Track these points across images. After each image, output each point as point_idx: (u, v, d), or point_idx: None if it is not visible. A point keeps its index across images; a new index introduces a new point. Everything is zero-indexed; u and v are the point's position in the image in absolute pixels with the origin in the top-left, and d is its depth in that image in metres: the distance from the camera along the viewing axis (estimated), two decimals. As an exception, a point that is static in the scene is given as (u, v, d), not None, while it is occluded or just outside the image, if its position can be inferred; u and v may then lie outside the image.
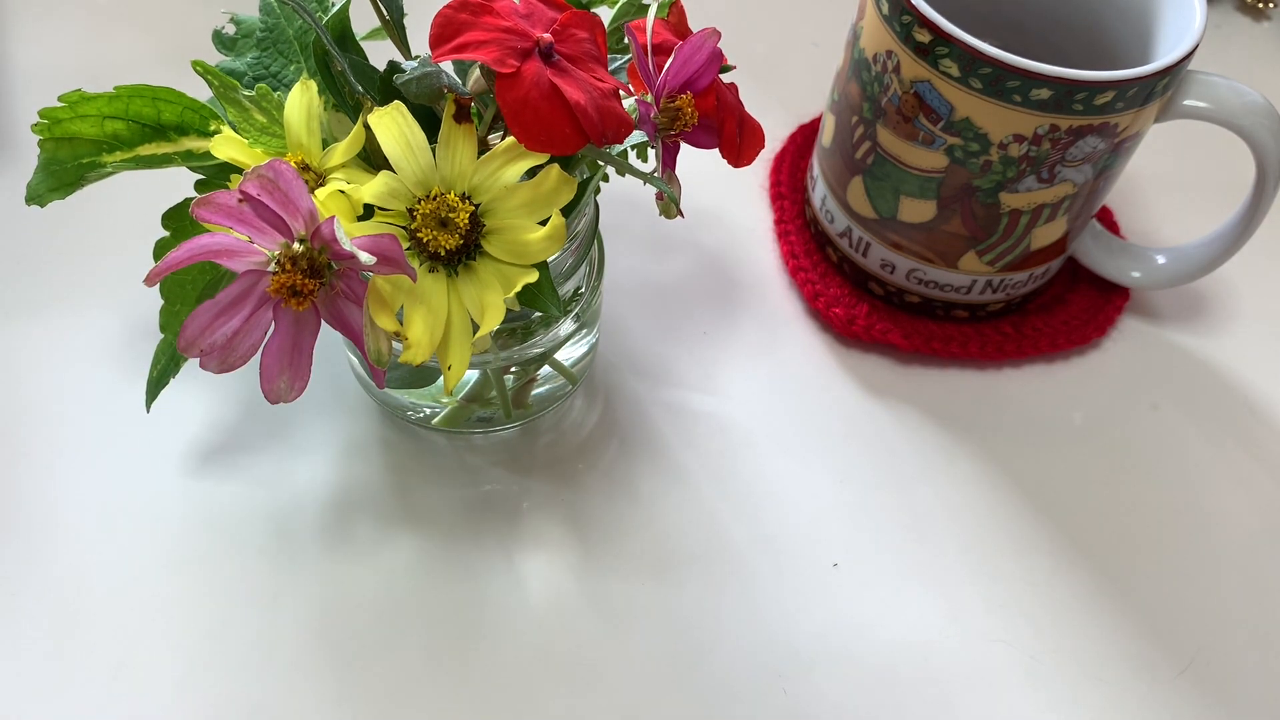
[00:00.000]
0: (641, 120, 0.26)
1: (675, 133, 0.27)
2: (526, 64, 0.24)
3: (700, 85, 0.27)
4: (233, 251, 0.23)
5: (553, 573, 0.35)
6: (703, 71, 0.27)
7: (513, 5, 0.25)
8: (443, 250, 0.25)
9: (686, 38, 0.27)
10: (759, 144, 0.29)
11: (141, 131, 0.28)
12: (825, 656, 0.34)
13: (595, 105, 0.24)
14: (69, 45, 0.48)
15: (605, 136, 0.25)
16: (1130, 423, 0.40)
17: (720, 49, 0.27)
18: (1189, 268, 0.40)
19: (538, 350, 0.34)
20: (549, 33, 0.25)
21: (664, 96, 0.26)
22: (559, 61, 0.25)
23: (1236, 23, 0.55)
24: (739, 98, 0.29)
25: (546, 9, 0.26)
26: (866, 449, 0.39)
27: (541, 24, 0.25)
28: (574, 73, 0.25)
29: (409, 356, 0.25)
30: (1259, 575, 0.37)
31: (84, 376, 0.38)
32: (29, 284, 0.41)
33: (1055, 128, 0.34)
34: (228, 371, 0.24)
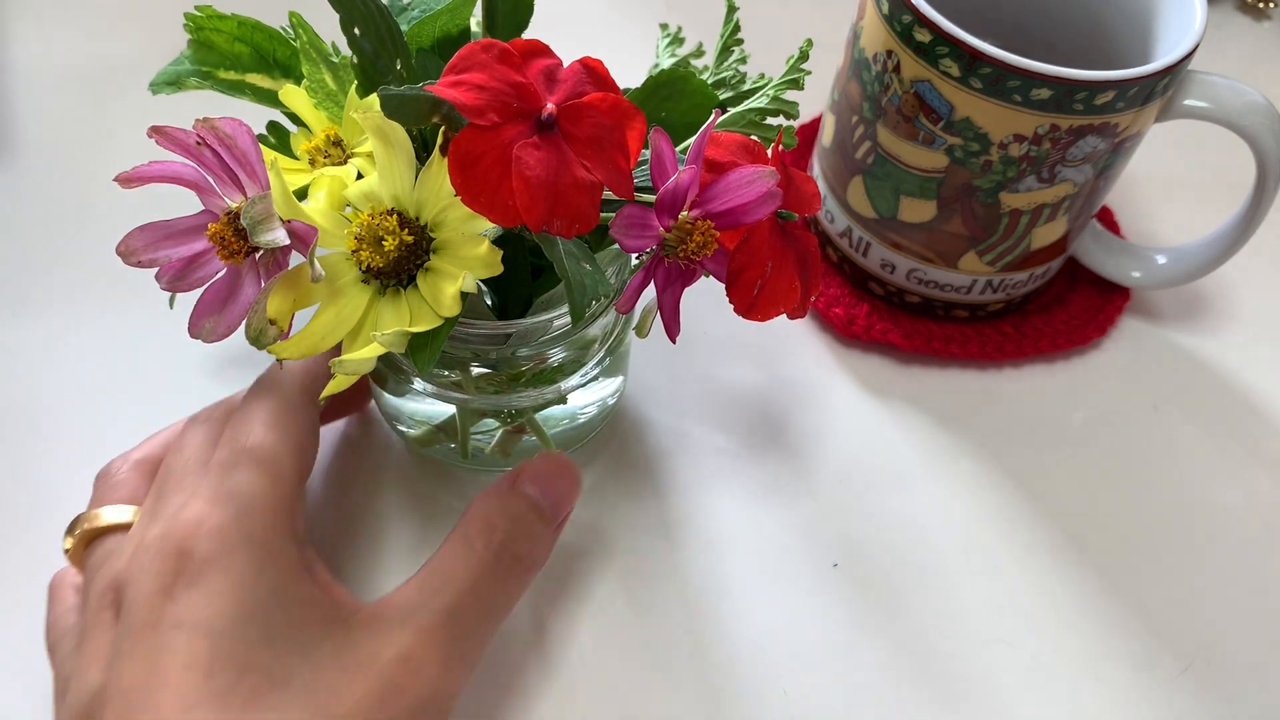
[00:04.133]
0: (629, 223, 0.24)
1: (681, 257, 0.24)
2: (512, 125, 0.23)
3: (744, 221, 0.24)
4: (200, 188, 0.24)
5: (549, 571, 0.35)
6: (749, 208, 0.24)
7: (548, 67, 0.24)
8: (369, 265, 0.24)
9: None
10: (781, 307, 0.25)
11: (256, 61, 0.29)
12: (825, 656, 0.34)
13: (554, 189, 0.23)
14: (69, 45, 0.48)
15: (547, 223, 0.23)
16: (1130, 423, 0.40)
17: (777, 192, 0.24)
18: (1189, 268, 0.40)
19: (525, 402, 0.33)
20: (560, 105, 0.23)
21: (686, 212, 0.24)
22: (557, 136, 0.23)
23: (1237, 23, 0.55)
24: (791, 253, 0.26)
25: (584, 85, 0.24)
26: (866, 449, 0.39)
27: (562, 96, 0.24)
28: (566, 153, 0.23)
29: (276, 349, 0.24)
30: (1259, 575, 0.37)
31: (84, 376, 0.38)
32: (29, 284, 0.41)
33: (1055, 127, 0.34)
34: (173, 292, 0.26)
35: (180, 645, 0.25)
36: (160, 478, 0.30)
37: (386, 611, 0.27)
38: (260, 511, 0.27)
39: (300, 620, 0.27)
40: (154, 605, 0.26)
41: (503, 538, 0.28)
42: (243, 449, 0.28)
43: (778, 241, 0.25)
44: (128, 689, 0.25)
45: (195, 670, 0.25)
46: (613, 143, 0.24)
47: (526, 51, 0.24)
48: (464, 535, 0.28)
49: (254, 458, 0.28)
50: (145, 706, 0.25)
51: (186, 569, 0.26)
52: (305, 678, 0.26)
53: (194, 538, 0.26)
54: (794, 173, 0.26)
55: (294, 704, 0.25)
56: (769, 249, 0.25)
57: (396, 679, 0.26)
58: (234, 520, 0.27)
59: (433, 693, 0.26)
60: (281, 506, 0.28)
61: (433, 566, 0.28)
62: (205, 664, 0.25)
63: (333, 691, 0.26)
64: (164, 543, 0.26)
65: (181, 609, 0.26)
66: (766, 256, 0.25)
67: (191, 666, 0.25)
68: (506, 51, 0.24)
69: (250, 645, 0.26)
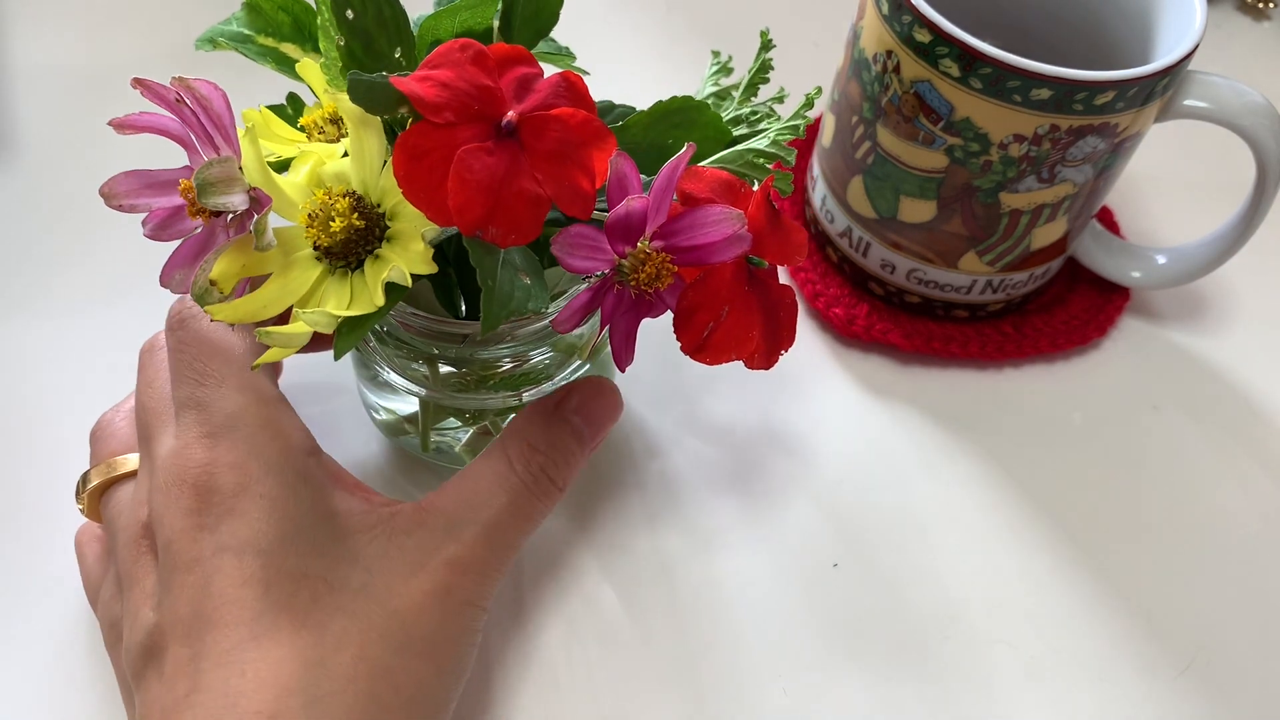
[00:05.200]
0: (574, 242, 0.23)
1: (633, 285, 0.24)
2: (469, 127, 0.23)
3: (707, 261, 0.24)
4: (184, 144, 0.25)
5: (547, 573, 0.35)
6: (713, 248, 0.24)
7: (525, 76, 0.24)
8: (314, 243, 0.25)
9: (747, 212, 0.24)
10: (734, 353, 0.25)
11: (294, 31, 0.29)
12: (825, 656, 0.34)
13: (496, 196, 0.23)
14: (69, 45, 0.48)
15: (481, 229, 0.23)
16: (1130, 423, 0.40)
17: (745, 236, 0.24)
18: (1189, 268, 0.40)
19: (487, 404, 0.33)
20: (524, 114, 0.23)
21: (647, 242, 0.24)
22: (515, 145, 0.23)
23: (1237, 23, 0.55)
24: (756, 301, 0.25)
25: (558, 99, 0.24)
26: (866, 449, 0.39)
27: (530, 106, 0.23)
28: (520, 163, 0.23)
29: (215, 309, 0.25)
30: (1259, 575, 0.37)
31: (84, 375, 0.38)
32: (29, 283, 0.41)
33: (1055, 128, 0.34)
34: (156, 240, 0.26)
35: (230, 567, 0.26)
36: (139, 418, 0.30)
37: (430, 519, 0.29)
38: (265, 433, 0.28)
39: (344, 529, 0.28)
40: (192, 539, 0.27)
41: (543, 462, 0.30)
42: (208, 376, 0.28)
43: (740, 287, 0.25)
44: (186, 616, 0.26)
45: (252, 585, 0.26)
46: (575, 161, 0.24)
47: (505, 58, 0.24)
48: (505, 455, 0.30)
49: (225, 384, 0.28)
50: (211, 624, 0.26)
51: (214, 503, 0.27)
52: (360, 579, 0.27)
53: (213, 474, 0.27)
54: (785, 220, 0.26)
55: (355, 604, 0.27)
56: (728, 293, 0.24)
57: (447, 581, 0.28)
58: (246, 451, 0.27)
59: (475, 595, 0.28)
60: (277, 422, 0.28)
61: (473, 480, 0.29)
62: (261, 578, 0.26)
63: (390, 590, 0.27)
64: (180, 484, 0.27)
65: (225, 536, 0.26)
66: (724, 300, 0.24)
67: (248, 583, 0.26)
68: (482, 54, 0.23)
69: (301, 556, 0.27)
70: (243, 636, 0.26)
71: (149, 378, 0.31)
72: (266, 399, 0.29)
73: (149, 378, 0.31)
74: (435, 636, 0.28)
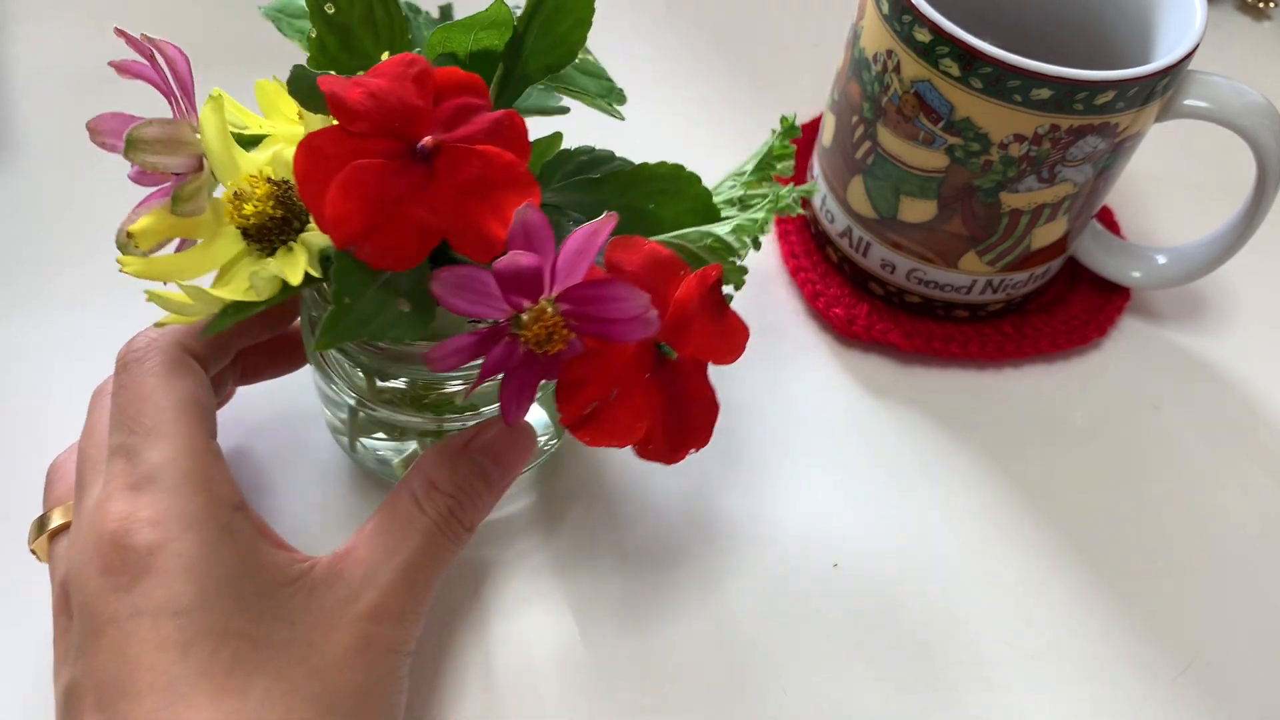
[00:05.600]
0: (458, 282, 0.23)
1: (524, 341, 0.23)
2: (382, 141, 0.22)
3: (610, 337, 0.23)
4: (166, 96, 0.25)
5: (546, 567, 0.35)
6: (615, 326, 0.23)
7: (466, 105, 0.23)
8: (230, 220, 0.25)
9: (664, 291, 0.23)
10: (618, 439, 0.24)
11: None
12: (825, 656, 0.34)
13: (380, 214, 0.22)
14: (69, 45, 0.48)
15: (356, 245, 0.22)
16: (1130, 423, 0.40)
17: (651, 321, 0.23)
18: (1189, 268, 0.40)
19: (412, 423, 0.32)
20: (446, 143, 0.23)
21: (551, 300, 0.23)
22: (424, 171, 0.22)
23: (1237, 23, 0.55)
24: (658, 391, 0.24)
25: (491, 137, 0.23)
26: (866, 449, 0.39)
27: (457, 136, 0.23)
28: (422, 189, 0.22)
29: (125, 260, 0.25)
30: (1259, 576, 0.37)
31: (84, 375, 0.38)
32: (29, 283, 0.41)
33: (1056, 127, 0.34)
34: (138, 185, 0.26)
35: (145, 631, 0.25)
36: (78, 467, 0.30)
37: (347, 569, 0.28)
38: (189, 486, 0.27)
39: (267, 583, 0.27)
40: (106, 601, 0.26)
41: (449, 503, 0.29)
42: (139, 424, 0.28)
43: (637, 372, 0.24)
44: (101, 682, 0.25)
45: (169, 649, 0.25)
46: (489, 202, 0.23)
47: (453, 84, 0.23)
48: (412, 495, 0.29)
49: (155, 433, 0.27)
50: (124, 692, 0.25)
51: (130, 561, 0.26)
52: (282, 636, 0.26)
53: (129, 530, 0.26)
54: (730, 316, 0.25)
55: (277, 661, 0.26)
56: (621, 375, 0.24)
57: (367, 632, 0.27)
58: (167, 507, 0.26)
59: (397, 641, 0.28)
60: (204, 475, 0.27)
61: (385, 524, 0.29)
62: (178, 641, 0.25)
63: (311, 645, 0.26)
64: (98, 541, 0.26)
65: (139, 597, 0.25)
66: (615, 382, 0.24)
67: (163, 646, 0.25)
68: (425, 74, 0.23)
69: (222, 613, 0.26)
70: (158, 704, 0.24)
71: (90, 425, 0.30)
72: (195, 450, 0.28)
73: (90, 425, 0.30)
74: (360, 690, 0.27)
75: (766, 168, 0.29)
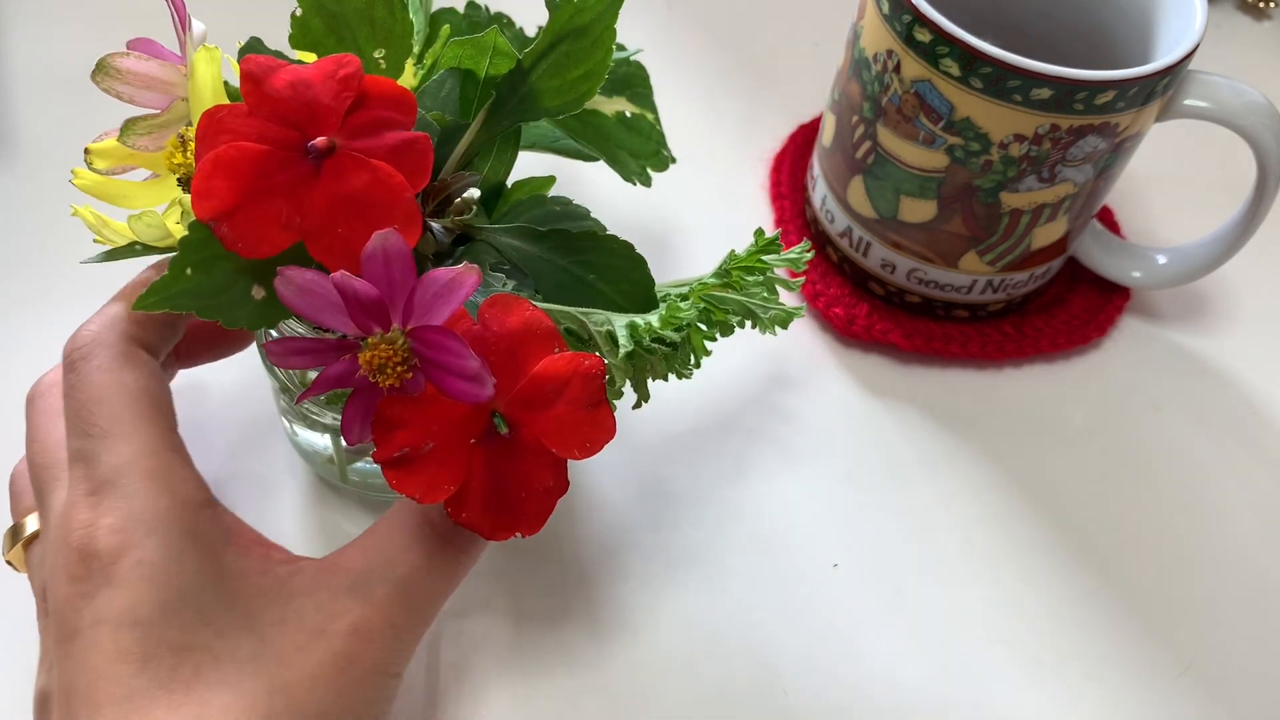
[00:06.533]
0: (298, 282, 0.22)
1: (362, 363, 0.22)
2: (280, 129, 0.22)
3: (442, 387, 0.22)
4: (182, 18, 0.26)
5: (545, 572, 0.35)
6: (447, 378, 0.22)
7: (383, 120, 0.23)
8: (165, 162, 0.25)
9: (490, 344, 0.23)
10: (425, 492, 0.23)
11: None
12: (825, 656, 0.34)
13: (245, 197, 0.22)
14: (69, 45, 0.48)
15: (214, 221, 0.22)
16: (1130, 423, 0.40)
17: (484, 380, 0.22)
18: (1190, 267, 0.40)
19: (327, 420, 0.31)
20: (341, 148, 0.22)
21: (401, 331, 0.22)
22: (310, 170, 0.22)
23: (1237, 22, 0.55)
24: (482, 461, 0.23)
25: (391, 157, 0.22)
26: (866, 449, 0.39)
27: (353, 145, 0.22)
28: (299, 185, 0.22)
29: (78, 173, 0.26)
30: (1259, 575, 0.37)
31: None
32: (29, 283, 0.40)
33: (1056, 127, 0.34)
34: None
35: (105, 641, 0.24)
36: (31, 475, 0.28)
37: (334, 578, 0.26)
38: (151, 489, 0.26)
39: (237, 592, 0.26)
40: (74, 608, 0.25)
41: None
42: (94, 426, 0.26)
43: (462, 434, 0.23)
44: (67, 690, 0.25)
45: (129, 661, 0.24)
46: (365, 219, 0.22)
47: (380, 94, 0.23)
48: (420, 507, 0.27)
49: (111, 434, 0.26)
50: (85, 702, 0.24)
51: (94, 569, 0.25)
52: (251, 649, 0.25)
53: (93, 538, 0.25)
54: (602, 415, 0.23)
55: (242, 676, 0.25)
56: (442, 431, 0.23)
57: (349, 649, 0.25)
58: (127, 511, 0.25)
59: (385, 661, 0.26)
60: (166, 474, 0.26)
61: (385, 533, 0.27)
62: (138, 653, 0.24)
63: (282, 661, 0.25)
64: (65, 547, 0.25)
65: (101, 606, 0.25)
66: (432, 435, 0.23)
67: (123, 658, 0.24)
68: (353, 78, 0.23)
69: (184, 627, 0.25)
70: (114, 717, 0.24)
71: (32, 432, 0.29)
72: (155, 449, 0.26)
73: (32, 432, 0.29)
74: (331, 712, 0.25)
75: (724, 275, 0.27)
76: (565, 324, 0.26)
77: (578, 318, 0.26)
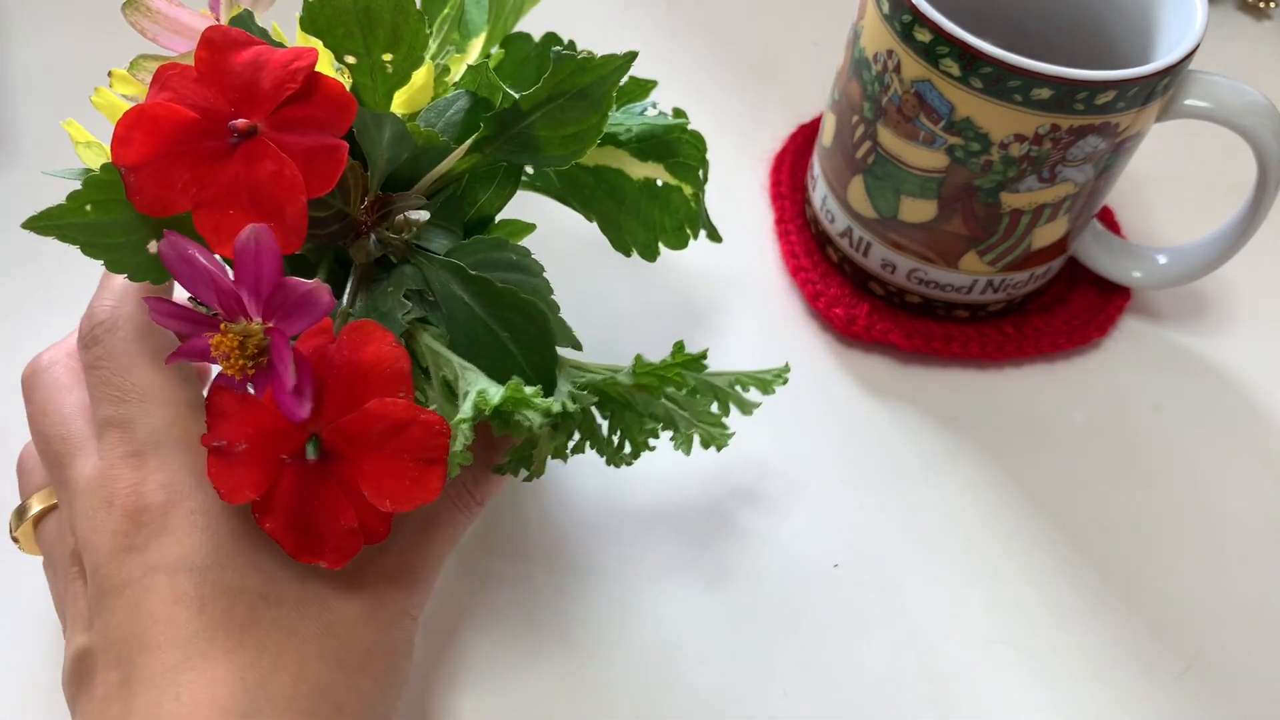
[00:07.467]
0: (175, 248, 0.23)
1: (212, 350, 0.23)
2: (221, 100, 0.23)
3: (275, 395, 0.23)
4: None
5: (544, 568, 0.35)
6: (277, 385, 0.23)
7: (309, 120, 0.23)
8: None
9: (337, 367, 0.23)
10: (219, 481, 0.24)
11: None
12: (825, 656, 0.34)
13: (156, 156, 0.22)
14: (69, 45, 0.48)
15: (126, 170, 0.23)
16: (1131, 423, 0.40)
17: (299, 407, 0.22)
18: (1190, 267, 0.40)
19: None
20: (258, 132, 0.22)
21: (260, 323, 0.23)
22: (224, 147, 0.23)
23: (1237, 22, 0.54)
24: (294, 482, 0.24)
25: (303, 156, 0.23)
26: (866, 449, 0.39)
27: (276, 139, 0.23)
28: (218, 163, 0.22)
29: (103, 94, 0.27)
30: (1259, 575, 0.37)
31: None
32: (29, 283, 0.40)
33: (1056, 127, 0.34)
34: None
35: (161, 586, 0.25)
36: (42, 448, 0.29)
37: None
38: (194, 446, 0.27)
39: (273, 543, 0.27)
40: (121, 561, 0.26)
41: (461, 476, 0.29)
42: (130, 393, 0.27)
43: (276, 446, 0.23)
44: (118, 639, 0.25)
45: (185, 604, 0.25)
46: (255, 205, 0.23)
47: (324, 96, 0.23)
48: None
49: (149, 399, 0.27)
50: (143, 646, 0.25)
51: (145, 522, 0.26)
52: (295, 593, 0.27)
53: (141, 494, 0.26)
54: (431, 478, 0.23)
55: (291, 617, 0.26)
56: (257, 437, 0.23)
57: (379, 592, 0.28)
58: (176, 467, 0.26)
59: (408, 604, 0.28)
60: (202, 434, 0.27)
61: None
62: (195, 596, 0.25)
63: (324, 604, 0.27)
64: (109, 510, 0.26)
65: (154, 555, 0.26)
66: (248, 435, 0.23)
67: (180, 601, 0.25)
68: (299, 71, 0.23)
69: (237, 570, 0.26)
70: (176, 659, 0.25)
71: (41, 405, 0.29)
72: (193, 409, 0.28)
73: (41, 405, 0.29)
74: (372, 650, 0.27)
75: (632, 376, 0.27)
76: (444, 372, 0.26)
77: (456, 370, 0.26)
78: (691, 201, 0.32)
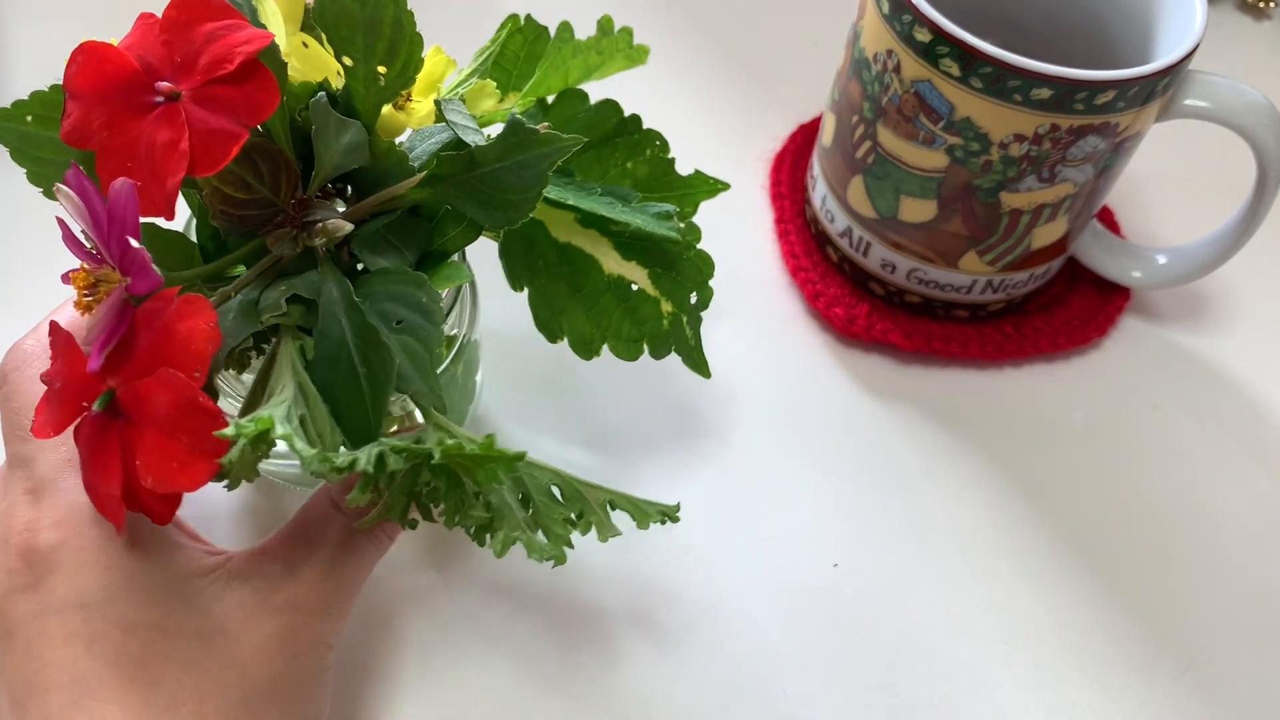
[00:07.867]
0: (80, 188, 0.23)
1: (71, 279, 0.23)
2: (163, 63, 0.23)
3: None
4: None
5: (544, 573, 0.35)
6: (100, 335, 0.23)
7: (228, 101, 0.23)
8: None
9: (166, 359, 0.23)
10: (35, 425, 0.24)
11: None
12: (825, 656, 0.34)
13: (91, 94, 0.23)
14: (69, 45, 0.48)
15: (68, 112, 0.24)
16: (1130, 423, 0.40)
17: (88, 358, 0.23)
18: (1190, 267, 0.40)
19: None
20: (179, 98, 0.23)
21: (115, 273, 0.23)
22: (150, 104, 0.23)
23: (1237, 22, 0.55)
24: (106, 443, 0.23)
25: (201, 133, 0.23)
26: (866, 449, 0.39)
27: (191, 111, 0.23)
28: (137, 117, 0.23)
29: None
30: (1259, 575, 0.37)
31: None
32: (29, 283, 0.40)
33: (1056, 127, 0.34)
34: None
35: (51, 627, 0.25)
36: None
37: (267, 563, 0.28)
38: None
39: (178, 574, 0.26)
40: (14, 603, 0.25)
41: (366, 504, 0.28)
42: (29, 432, 0.27)
43: (78, 393, 0.24)
44: (13, 684, 0.25)
45: (76, 642, 0.25)
46: (146, 167, 0.23)
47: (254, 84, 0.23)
48: (329, 496, 0.29)
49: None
50: (33, 690, 0.24)
51: (36, 560, 0.25)
52: (197, 625, 0.26)
53: (33, 534, 0.26)
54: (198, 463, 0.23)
55: (190, 650, 0.25)
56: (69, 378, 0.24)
57: (290, 622, 0.27)
58: (68, 504, 0.26)
59: (323, 633, 0.28)
60: None
61: (305, 522, 0.28)
62: (85, 633, 0.25)
63: (228, 636, 0.26)
64: (5, 549, 0.26)
65: (45, 595, 0.25)
66: (62, 375, 0.24)
67: (70, 640, 0.25)
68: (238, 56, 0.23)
69: (131, 605, 0.25)
70: (64, 701, 0.24)
71: None
72: None
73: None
74: (282, 681, 0.26)
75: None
76: (273, 382, 0.25)
77: (282, 386, 0.25)
78: (666, 321, 0.30)
